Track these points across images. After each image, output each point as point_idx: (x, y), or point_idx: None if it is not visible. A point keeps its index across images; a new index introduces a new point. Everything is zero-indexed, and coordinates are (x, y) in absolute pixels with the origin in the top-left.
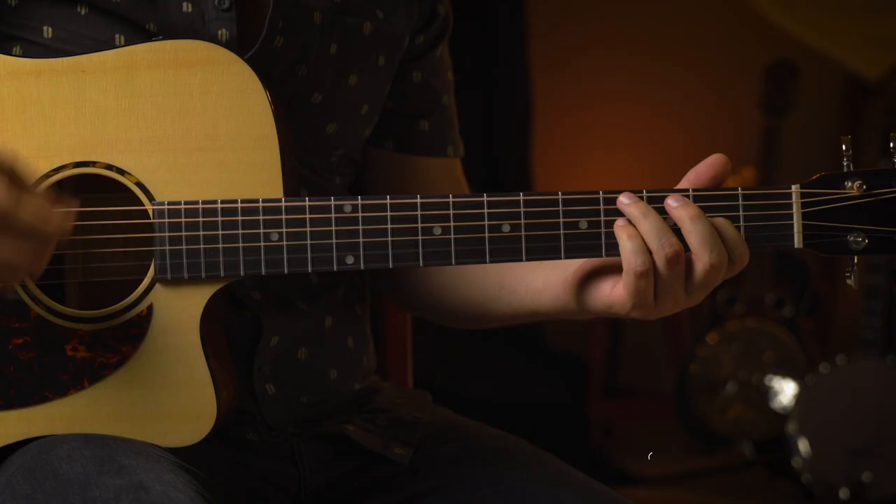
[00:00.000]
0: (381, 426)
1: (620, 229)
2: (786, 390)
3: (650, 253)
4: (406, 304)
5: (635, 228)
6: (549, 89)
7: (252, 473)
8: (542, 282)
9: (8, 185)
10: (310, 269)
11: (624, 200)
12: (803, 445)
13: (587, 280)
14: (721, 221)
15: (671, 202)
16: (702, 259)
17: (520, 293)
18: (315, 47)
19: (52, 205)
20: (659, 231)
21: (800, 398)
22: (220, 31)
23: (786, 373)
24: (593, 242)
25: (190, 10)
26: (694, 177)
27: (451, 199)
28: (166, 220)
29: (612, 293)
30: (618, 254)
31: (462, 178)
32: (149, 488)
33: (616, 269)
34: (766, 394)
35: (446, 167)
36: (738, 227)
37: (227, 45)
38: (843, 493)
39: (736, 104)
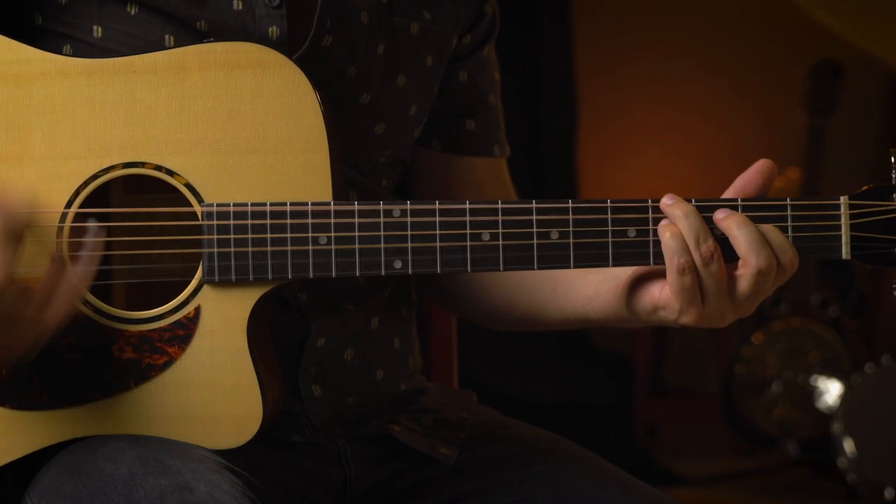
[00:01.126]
0: (427, 426)
1: (663, 228)
2: (831, 390)
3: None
4: (451, 305)
5: (677, 228)
6: (595, 91)
7: (298, 474)
8: (593, 289)
9: (15, 261)
10: (358, 273)
11: (667, 201)
12: (848, 445)
13: (637, 286)
14: (767, 227)
15: (717, 215)
16: (749, 263)
17: (571, 299)
18: (363, 47)
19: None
20: (697, 230)
21: (845, 398)
22: (270, 29)
23: (831, 373)
24: (641, 251)
25: (240, 7)
26: (742, 183)
27: (499, 206)
28: (215, 221)
29: (661, 296)
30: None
31: (508, 179)
32: (193, 489)
33: (665, 275)
34: (812, 394)
35: (492, 167)
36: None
37: (277, 42)
38: (889, 493)
39: (781, 104)
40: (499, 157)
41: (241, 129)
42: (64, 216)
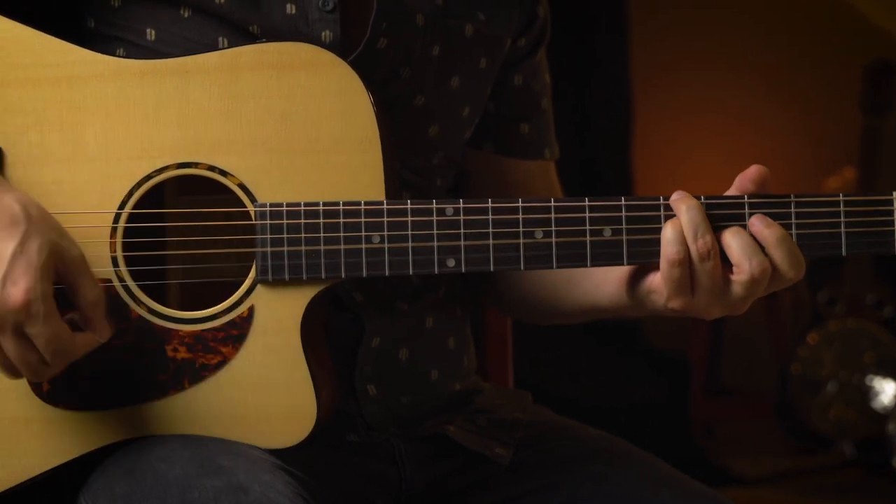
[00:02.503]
0: (482, 427)
1: (668, 221)
2: (886, 390)
3: (687, 245)
4: (481, 298)
5: (679, 222)
6: (650, 89)
7: (352, 474)
8: (601, 276)
9: (50, 287)
10: (411, 272)
11: (674, 196)
12: None
13: (638, 272)
14: (770, 232)
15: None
16: (743, 269)
17: (582, 288)
18: (418, 49)
19: (96, 318)
20: (696, 224)
21: None
22: (323, 33)
23: (886, 373)
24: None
25: (294, 11)
26: (739, 184)
27: (552, 203)
28: (268, 221)
29: (654, 280)
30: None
31: (556, 180)
32: (248, 489)
33: None
34: (867, 394)
35: (542, 169)
36: (834, 234)
37: (330, 46)
38: None
39: (836, 105)
40: (549, 159)
41: (293, 129)
42: (117, 217)
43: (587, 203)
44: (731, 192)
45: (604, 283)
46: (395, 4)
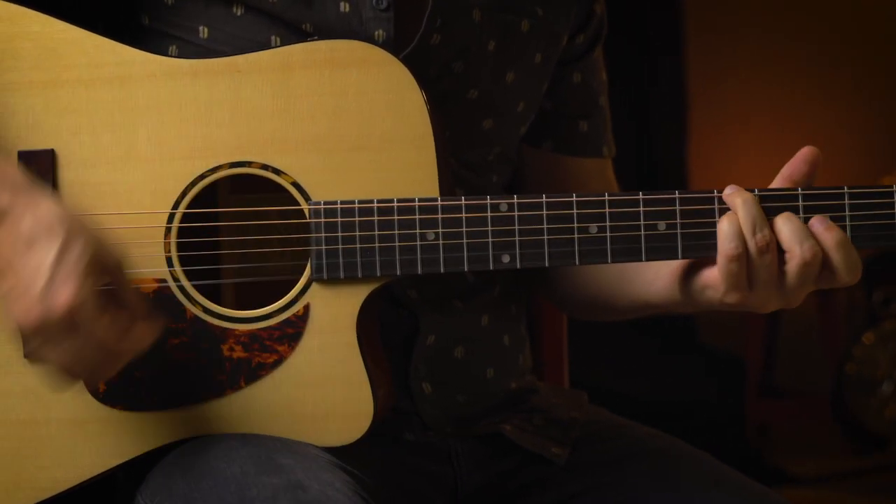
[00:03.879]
0: (538, 426)
1: (724, 216)
2: None
3: (745, 240)
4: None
5: (736, 216)
6: (707, 84)
7: (409, 473)
8: (653, 272)
9: (93, 291)
10: (466, 268)
11: (728, 191)
12: None
13: (692, 267)
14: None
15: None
16: (794, 254)
17: (635, 284)
18: (473, 44)
19: (141, 317)
20: (754, 218)
21: None
22: (377, 32)
23: None
24: None
25: (347, 10)
26: (789, 171)
27: (606, 198)
28: (322, 219)
29: (709, 275)
30: None
31: (613, 179)
32: (306, 487)
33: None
34: None
35: (600, 167)
36: (887, 226)
37: (383, 45)
38: None
39: (890, 103)
40: (606, 157)
41: (346, 126)
42: (171, 217)
43: (641, 197)
44: (781, 177)
45: (656, 278)
46: (452, 0)
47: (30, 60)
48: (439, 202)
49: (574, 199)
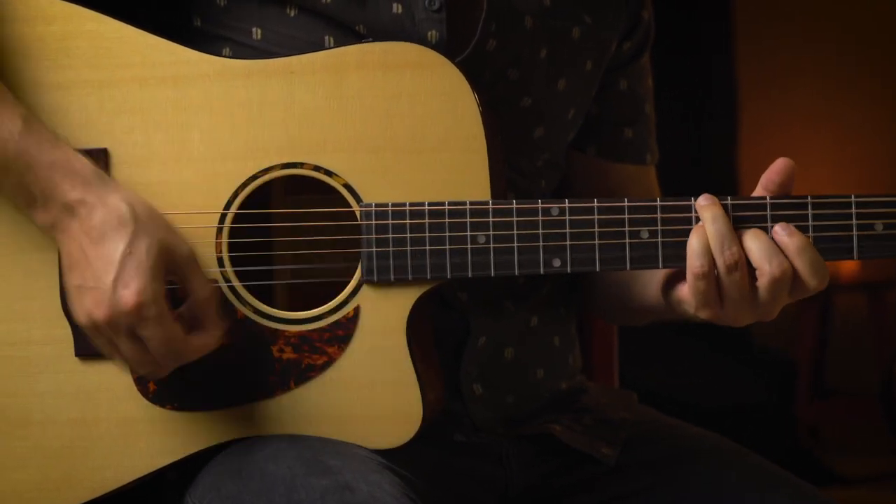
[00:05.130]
0: (588, 426)
1: (693, 231)
2: None
3: (712, 258)
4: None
5: (704, 231)
6: (758, 87)
7: (458, 474)
8: (647, 277)
9: (162, 287)
10: (516, 272)
11: (701, 202)
12: None
13: (671, 279)
14: (789, 236)
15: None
16: (764, 272)
17: (635, 289)
18: (526, 51)
19: (210, 317)
20: (722, 236)
21: None
22: (429, 33)
23: None
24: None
25: (400, 11)
26: (765, 181)
27: (658, 203)
28: (373, 221)
29: (682, 290)
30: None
31: (655, 185)
32: (355, 489)
33: None
34: None
35: (643, 174)
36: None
37: (436, 46)
38: None
39: None
40: (649, 164)
41: (398, 129)
42: (223, 217)
43: (693, 203)
44: (759, 187)
45: (649, 283)
46: (505, 5)
47: (84, 59)
48: (490, 205)
49: (625, 204)
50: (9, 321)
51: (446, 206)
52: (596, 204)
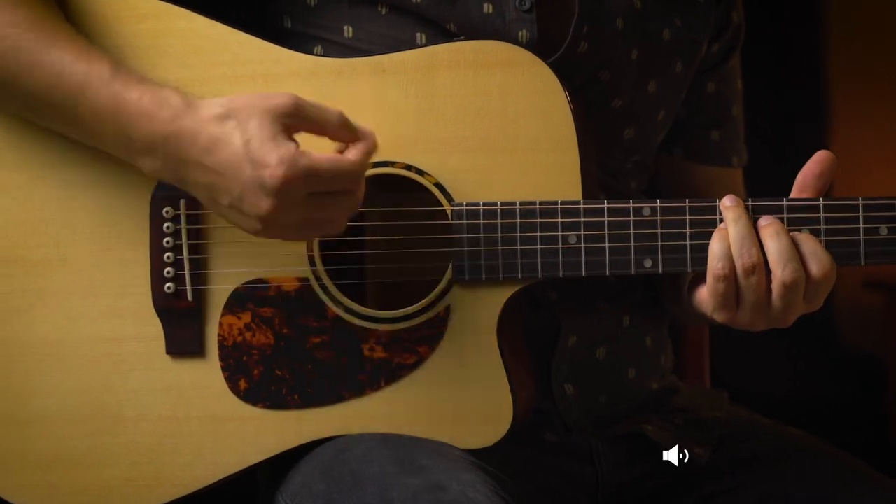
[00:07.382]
0: (679, 426)
1: (715, 232)
2: None
3: (732, 260)
4: None
5: (727, 234)
6: (848, 96)
7: (549, 473)
8: (674, 277)
9: (294, 158)
10: (607, 272)
11: (726, 202)
12: None
13: (693, 282)
14: (803, 236)
15: (761, 222)
16: (776, 275)
17: (667, 291)
18: (617, 53)
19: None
20: (742, 239)
21: None
22: (520, 33)
23: None
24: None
25: (491, 10)
26: (801, 178)
27: (749, 203)
28: (465, 221)
29: (702, 290)
30: None
31: (742, 187)
32: (446, 488)
33: None
34: None
35: (728, 176)
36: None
37: (526, 46)
38: None
39: None
40: (736, 167)
41: (489, 128)
42: None
43: (785, 203)
44: (798, 181)
45: (674, 283)
46: (596, 7)
47: (175, 57)
48: (582, 205)
49: (717, 204)
50: (104, 318)
51: (538, 206)
52: (688, 204)
